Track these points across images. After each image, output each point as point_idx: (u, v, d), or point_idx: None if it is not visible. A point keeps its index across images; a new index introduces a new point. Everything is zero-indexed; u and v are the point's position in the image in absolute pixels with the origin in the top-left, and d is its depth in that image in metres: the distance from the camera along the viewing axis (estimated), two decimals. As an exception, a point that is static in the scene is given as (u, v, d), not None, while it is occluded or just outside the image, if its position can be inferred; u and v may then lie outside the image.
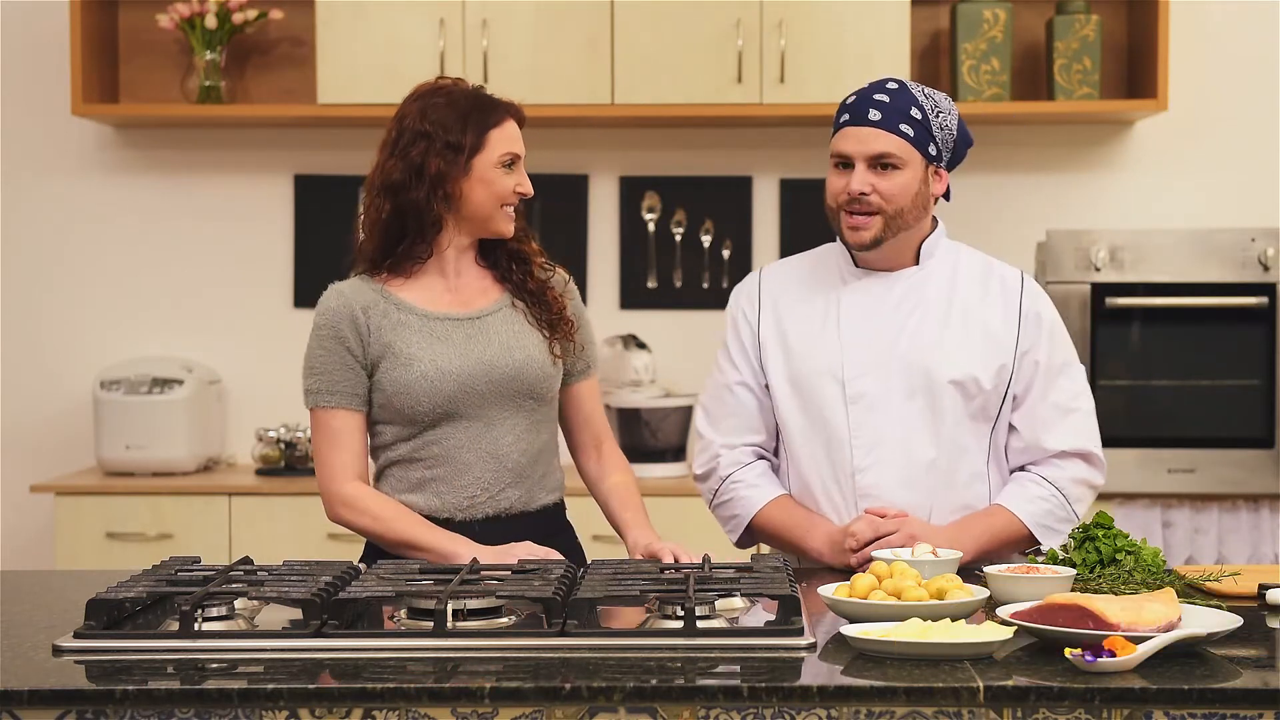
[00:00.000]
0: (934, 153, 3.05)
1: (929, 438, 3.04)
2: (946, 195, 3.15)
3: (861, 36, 4.85)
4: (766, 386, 3.14)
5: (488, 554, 2.87)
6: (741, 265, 5.23)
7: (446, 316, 3.03)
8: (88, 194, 5.27)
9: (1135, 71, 5.11)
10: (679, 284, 5.25)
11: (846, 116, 3.06)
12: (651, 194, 5.25)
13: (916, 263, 3.12)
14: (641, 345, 5.07)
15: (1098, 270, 4.78)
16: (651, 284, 5.25)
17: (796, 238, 5.22)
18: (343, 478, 3.00)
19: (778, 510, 3.12)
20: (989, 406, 3.07)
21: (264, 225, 5.28)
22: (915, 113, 3.03)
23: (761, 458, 3.19)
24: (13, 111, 5.26)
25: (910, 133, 3.02)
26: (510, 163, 3.04)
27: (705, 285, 5.25)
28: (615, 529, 3.12)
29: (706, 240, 5.23)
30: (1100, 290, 4.81)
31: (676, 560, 2.85)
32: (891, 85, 3.06)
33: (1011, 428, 3.11)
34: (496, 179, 3.02)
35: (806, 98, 4.86)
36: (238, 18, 5.02)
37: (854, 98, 3.07)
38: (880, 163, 3.02)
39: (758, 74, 4.86)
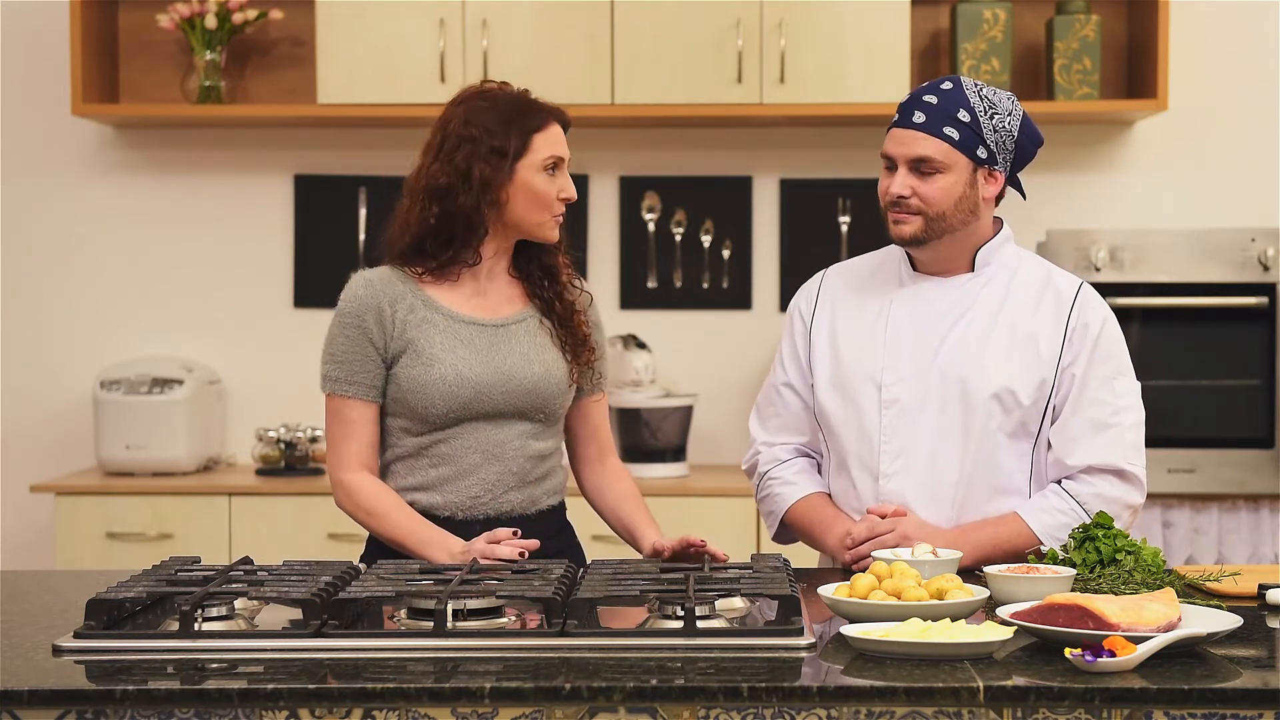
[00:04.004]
0: (984, 155, 2.98)
1: (957, 452, 3.00)
2: (1021, 193, 3.09)
3: (861, 36, 4.85)
4: (813, 387, 3.12)
5: (461, 548, 2.88)
6: (741, 265, 5.23)
7: (472, 320, 3.03)
8: (88, 194, 5.27)
9: (1135, 71, 5.10)
10: (679, 284, 5.25)
11: (896, 117, 3.00)
12: (651, 194, 5.24)
13: (972, 269, 3.07)
14: (641, 345, 5.07)
15: (1098, 270, 4.78)
16: (651, 284, 5.25)
17: (796, 238, 5.22)
18: (349, 466, 3.01)
19: (807, 508, 3.13)
20: (1029, 422, 3.01)
21: (264, 225, 5.28)
22: (963, 115, 2.96)
23: (805, 455, 3.19)
24: (13, 111, 5.26)
25: (955, 136, 2.95)
26: (553, 167, 3.02)
27: (705, 285, 5.24)
28: (624, 531, 3.12)
29: (706, 240, 5.23)
30: (1100, 290, 4.66)
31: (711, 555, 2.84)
32: (945, 85, 2.99)
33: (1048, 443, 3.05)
34: (541, 184, 3.00)
35: (806, 98, 4.86)
36: (238, 18, 5.01)
37: (908, 98, 3.02)
38: (921, 166, 2.97)
39: (758, 74, 4.85)
